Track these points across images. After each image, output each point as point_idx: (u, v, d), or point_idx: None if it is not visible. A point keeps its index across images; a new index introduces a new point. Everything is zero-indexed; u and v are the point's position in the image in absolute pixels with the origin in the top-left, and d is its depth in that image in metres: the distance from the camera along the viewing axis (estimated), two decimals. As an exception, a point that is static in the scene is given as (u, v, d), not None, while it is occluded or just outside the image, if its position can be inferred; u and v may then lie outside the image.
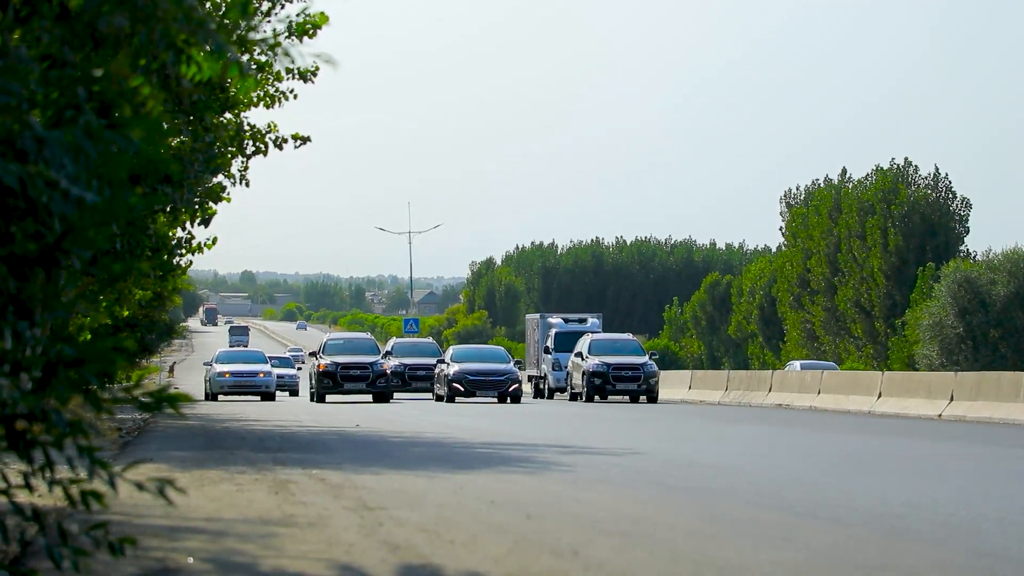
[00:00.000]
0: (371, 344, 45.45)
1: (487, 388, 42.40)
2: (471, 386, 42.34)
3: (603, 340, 45.82)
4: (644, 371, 43.27)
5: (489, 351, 46.04)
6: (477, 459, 15.83)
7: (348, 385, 42.43)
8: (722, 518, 9.71)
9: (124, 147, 4.35)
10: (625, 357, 43.87)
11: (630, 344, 45.95)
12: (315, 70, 19.95)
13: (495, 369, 42.78)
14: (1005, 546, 8.31)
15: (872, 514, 9.98)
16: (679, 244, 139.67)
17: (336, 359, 43.11)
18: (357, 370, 42.49)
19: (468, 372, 42.44)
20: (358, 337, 47.29)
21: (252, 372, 47.55)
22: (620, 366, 43.24)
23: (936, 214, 78.42)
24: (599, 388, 43.27)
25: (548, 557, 7.67)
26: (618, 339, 46.65)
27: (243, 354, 51.43)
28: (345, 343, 45.33)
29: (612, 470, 14.06)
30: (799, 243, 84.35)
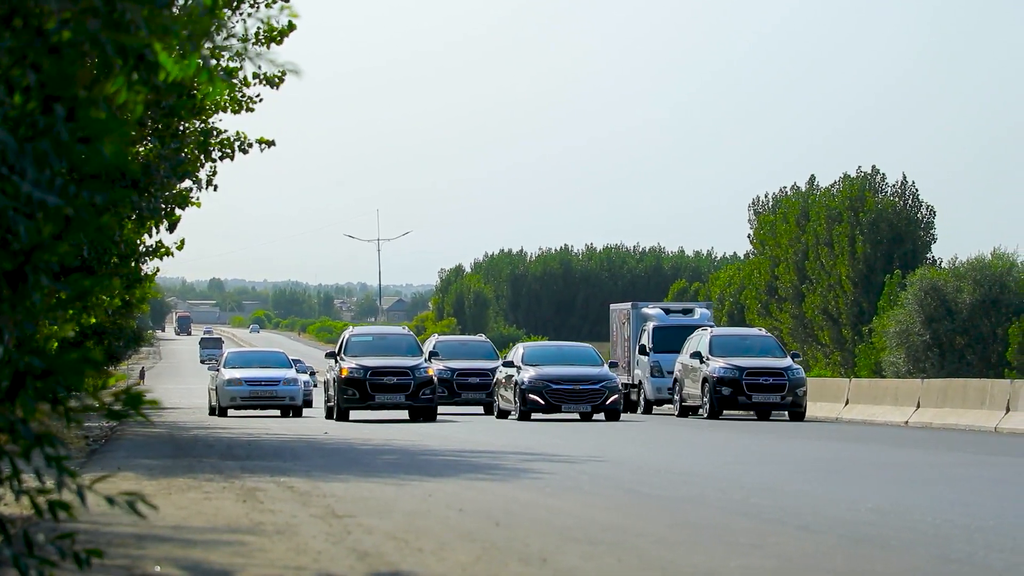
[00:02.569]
0: (410, 341, 33.74)
1: (576, 400, 31.58)
2: (555, 398, 31.55)
3: (729, 336, 35.56)
4: (789, 378, 32.74)
5: (573, 350, 34.91)
6: (446, 466, 15.81)
7: (381, 397, 31.23)
8: (691, 525, 9.72)
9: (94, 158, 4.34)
10: (761, 359, 33.52)
11: (765, 342, 35.16)
12: (282, 76, 19.95)
13: (586, 374, 31.95)
14: (972, 553, 8.35)
15: (840, 521, 10.01)
16: (648, 251, 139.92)
17: (364, 361, 31.66)
18: (394, 376, 31.31)
19: (549, 379, 31.71)
20: (392, 332, 35.54)
21: (273, 379, 37.27)
22: (757, 370, 32.86)
23: (903, 222, 78.80)
24: (728, 400, 32.80)
25: (517, 564, 7.66)
26: (748, 334, 36.30)
27: (260, 356, 41.51)
28: (375, 340, 33.61)
29: (581, 477, 14.06)
30: (767, 250, 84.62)
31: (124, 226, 17.91)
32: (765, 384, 32.73)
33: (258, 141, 20.37)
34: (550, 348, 35.67)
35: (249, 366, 38.55)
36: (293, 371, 38.63)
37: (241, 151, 20.20)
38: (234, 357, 39.90)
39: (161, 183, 17.69)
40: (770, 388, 32.74)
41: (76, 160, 4.31)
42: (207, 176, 20.47)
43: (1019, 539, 8.96)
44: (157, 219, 18.92)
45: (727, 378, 32.89)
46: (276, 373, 37.85)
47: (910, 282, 71.77)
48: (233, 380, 37.22)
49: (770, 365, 33.13)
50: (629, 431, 26.44)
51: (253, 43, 18.54)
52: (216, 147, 19.90)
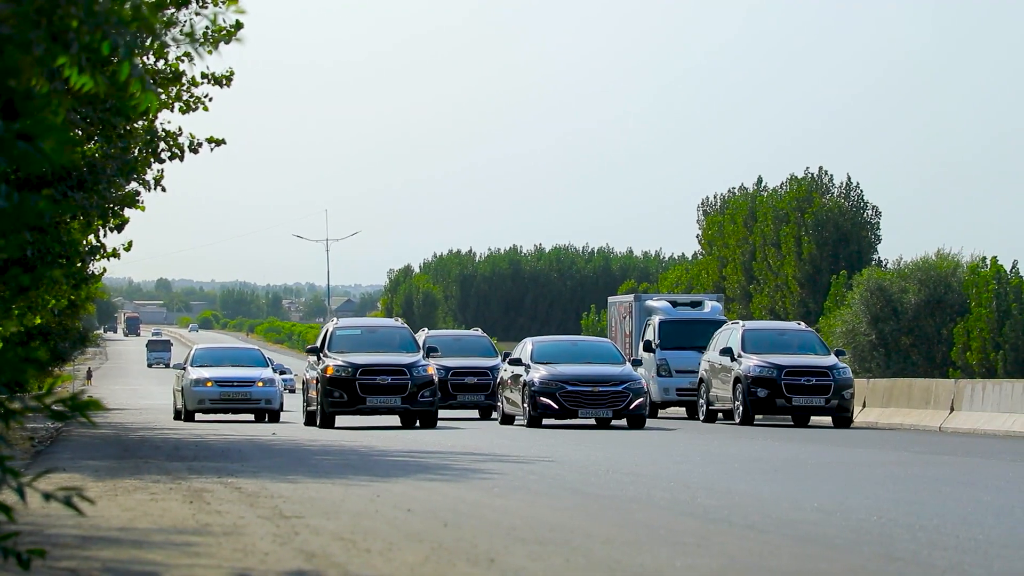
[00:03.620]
0: (404, 335, 29.41)
1: (595, 404, 27.49)
2: (570, 401, 27.49)
3: (764, 330, 31.47)
4: (835, 378, 28.96)
5: (591, 345, 30.79)
6: (395, 467, 15.80)
7: (374, 400, 27.35)
8: (638, 525, 9.76)
9: (34, 156, 4.31)
10: (802, 356, 29.75)
11: (805, 337, 31.00)
12: (230, 75, 19.89)
13: (607, 374, 27.82)
14: (916, 551, 8.41)
15: (785, 520, 10.06)
16: (597, 252, 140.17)
17: (352, 358, 27.75)
18: (388, 376, 27.39)
19: (564, 379, 27.68)
20: (384, 324, 30.95)
21: (247, 379, 33.34)
22: (797, 369, 29.04)
23: (849, 223, 79.28)
24: (764, 403, 29.03)
25: (465, 565, 7.66)
26: (786, 328, 31.96)
27: (232, 353, 36.96)
28: (364, 334, 29.46)
29: (529, 478, 14.08)
30: (715, 251, 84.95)
31: (69, 226, 17.80)
32: (807, 385, 28.78)
33: (208, 140, 20.31)
34: (564, 344, 30.63)
35: (220, 364, 34.22)
36: (270, 370, 34.51)
37: (191, 151, 20.14)
38: (203, 354, 35.34)
39: (108, 183, 17.60)
40: (812, 390, 28.80)
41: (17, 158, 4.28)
42: (155, 177, 20.39)
43: (963, 537, 9.05)
44: (104, 219, 18.83)
45: (763, 378, 29.00)
46: (251, 372, 33.82)
47: (856, 282, 72.22)
48: (201, 380, 33.08)
49: (812, 363, 29.15)
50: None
51: (201, 43, 18.48)
52: (165, 147, 19.82)
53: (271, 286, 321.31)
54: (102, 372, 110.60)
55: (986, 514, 10.65)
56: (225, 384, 32.98)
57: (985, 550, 8.46)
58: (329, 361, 27.89)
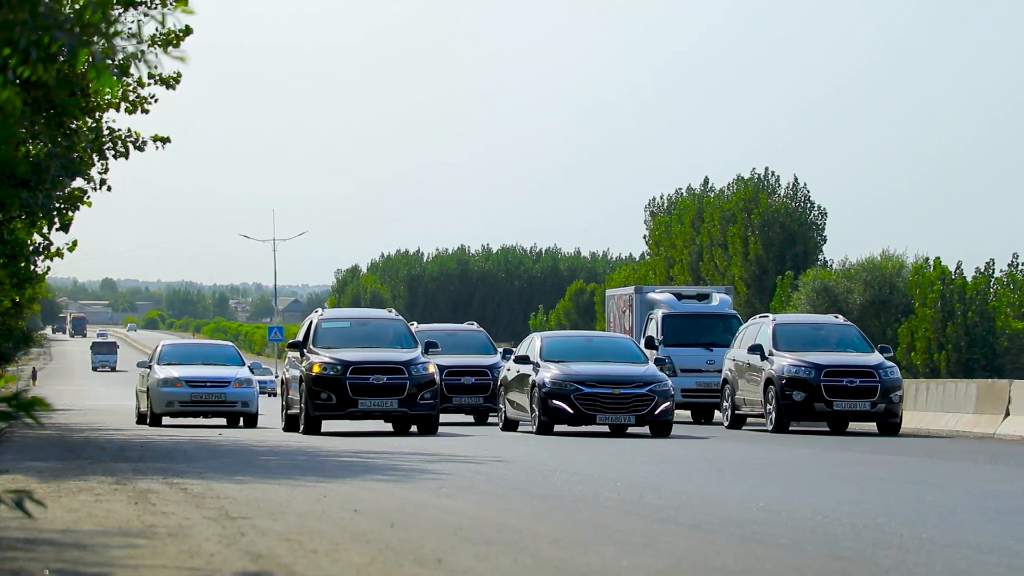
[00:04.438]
0: (399, 328, 26.04)
1: (616, 409, 24.01)
2: (587, 405, 24.04)
3: (799, 325, 28.00)
4: (881, 379, 25.54)
5: (608, 342, 27.02)
6: (341, 467, 15.77)
7: (367, 403, 24.11)
8: (585, 525, 9.78)
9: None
10: (843, 354, 26.31)
11: (845, 332, 27.52)
12: (177, 76, 19.80)
13: (629, 374, 24.39)
14: (860, 551, 8.48)
15: (731, 520, 10.12)
16: (545, 252, 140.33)
17: (342, 355, 24.49)
18: (383, 375, 24.17)
19: (580, 379, 24.23)
20: (376, 316, 27.07)
21: (221, 379, 29.97)
22: (839, 369, 25.62)
23: (795, 223, 79.73)
24: (801, 408, 25.51)
25: (412, 565, 7.66)
26: (823, 323, 28.25)
27: (203, 349, 33.28)
28: (354, 326, 26.14)
29: (477, 478, 14.08)
30: (662, 251, 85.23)
31: (13, 225, 17.67)
32: (850, 387, 25.38)
33: (153, 139, 20.22)
34: (577, 340, 27.41)
35: (190, 362, 30.85)
36: (246, 369, 30.95)
37: (137, 149, 20.04)
38: (171, 351, 31.77)
39: (53, 182, 17.48)
40: (856, 392, 25.39)
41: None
42: (100, 175, 20.27)
43: (906, 536, 9.12)
44: (48, 218, 18.69)
45: (799, 379, 25.54)
46: (225, 371, 30.37)
47: (802, 283, 72.68)
48: (170, 380, 29.77)
49: (856, 362, 25.77)
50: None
51: (149, 45, 18.39)
52: (110, 145, 19.71)
53: (217, 286, 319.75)
54: (47, 372, 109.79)
55: (929, 513, 10.74)
56: (197, 384, 29.63)
57: (928, 549, 8.54)
58: (314, 358, 24.46)
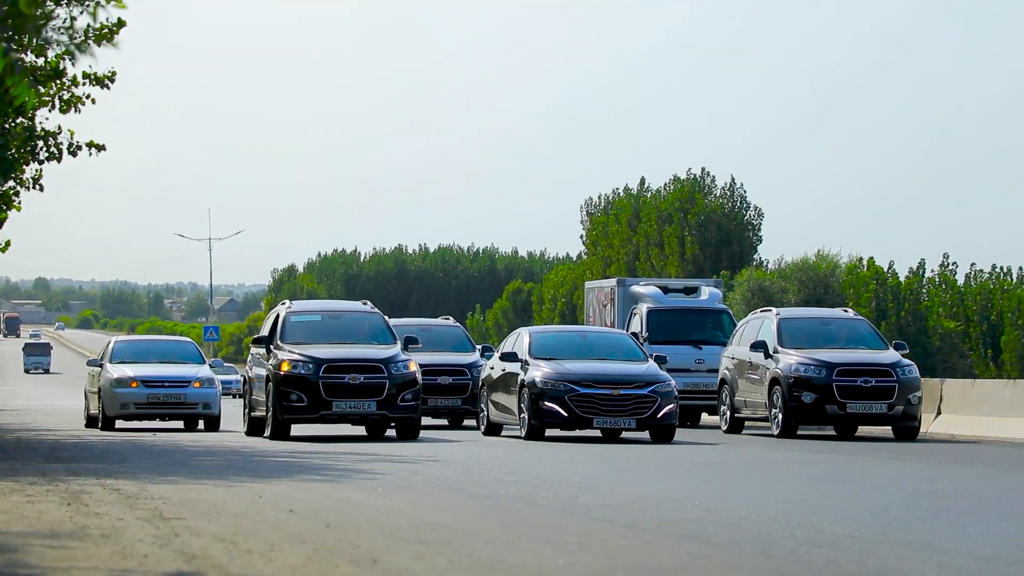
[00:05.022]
0: (375, 322, 23.80)
1: (615, 411, 21.83)
2: (583, 407, 21.85)
3: (806, 319, 25.69)
4: (899, 378, 23.43)
5: (603, 338, 24.71)
6: (277, 468, 15.71)
7: (342, 405, 22.03)
8: (522, 524, 9.80)
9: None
10: (855, 351, 24.24)
11: (856, 327, 25.27)
12: (112, 75, 19.66)
13: (628, 373, 22.24)
14: (794, 548, 8.54)
15: (667, 519, 10.16)
16: (482, 252, 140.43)
17: (313, 351, 22.38)
18: (360, 374, 22.07)
19: (574, 378, 22.04)
20: (350, 309, 24.81)
21: (180, 378, 27.62)
22: (852, 368, 23.52)
23: (731, 223, 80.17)
24: (810, 410, 23.41)
25: (347, 565, 7.65)
26: (832, 316, 26.11)
27: (160, 346, 30.79)
28: (326, 320, 23.95)
29: (413, 478, 14.07)
30: (599, 251, 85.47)
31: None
32: (865, 388, 23.25)
33: (88, 144, 20.05)
34: (569, 335, 24.75)
35: (146, 360, 28.50)
36: (207, 368, 28.64)
37: (70, 154, 19.88)
38: (124, 348, 29.32)
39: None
40: (872, 393, 23.27)
41: None
42: (33, 176, 20.10)
43: (839, 535, 9.20)
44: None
45: (809, 379, 23.40)
46: (185, 370, 28.01)
47: (737, 283, 73.07)
48: (124, 380, 27.42)
49: (870, 360, 23.67)
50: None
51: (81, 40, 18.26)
52: (43, 146, 19.54)
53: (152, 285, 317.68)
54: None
55: (862, 511, 10.83)
56: (154, 384, 27.32)
57: (860, 547, 8.61)
58: (283, 355, 22.28)
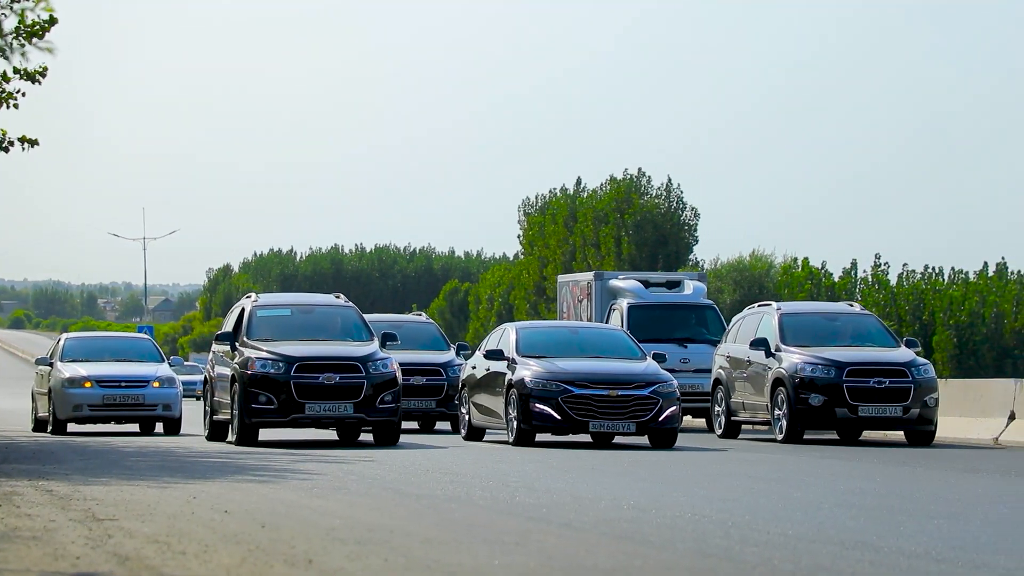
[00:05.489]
0: (350, 317, 22.10)
1: (613, 414, 20.14)
2: (578, 409, 20.15)
3: (810, 315, 23.88)
4: (914, 378, 21.70)
5: (597, 334, 23.00)
6: (212, 468, 15.62)
7: (316, 407, 20.24)
8: (458, 524, 9.80)
9: None
10: (865, 349, 22.45)
11: (864, 323, 23.51)
12: (43, 70, 19.48)
13: (627, 372, 20.57)
14: (728, 547, 8.58)
15: (603, 519, 10.19)
16: (418, 252, 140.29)
17: (284, 348, 20.66)
18: (335, 373, 20.31)
19: (568, 378, 20.35)
20: (322, 302, 22.81)
21: (138, 378, 25.72)
22: (864, 367, 21.76)
23: (668, 224, 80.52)
24: (818, 413, 21.61)
25: (282, 566, 7.62)
26: (837, 312, 24.24)
27: (115, 344, 28.55)
28: (296, 314, 22.10)
29: (349, 478, 14.04)
30: (536, 251, 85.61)
31: None
32: (878, 389, 21.52)
33: (20, 140, 19.87)
34: (560, 331, 22.92)
35: (100, 358, 26.51)
36: (166, 366, 26.60)
37: (2, 150, 19.69)
38: (76, 345, 27.17)
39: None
40: (886, 395, 21.55)
41: None
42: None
43: (773, 533, 9.25)
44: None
45: (817, 380, 21.61)
46: (143, 369, 26.10)
47: (674, 283, 73.36)
48: (77, 380, 25.50)
49: (883, 359, 21.95)
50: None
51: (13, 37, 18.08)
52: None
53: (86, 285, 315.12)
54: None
55: (795, 510, 10.91)
56: (110, 384, 25.45)
57: (794, 545, 8.67)
58: (251, 353, 20.58)
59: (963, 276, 64.55)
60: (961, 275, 64.79)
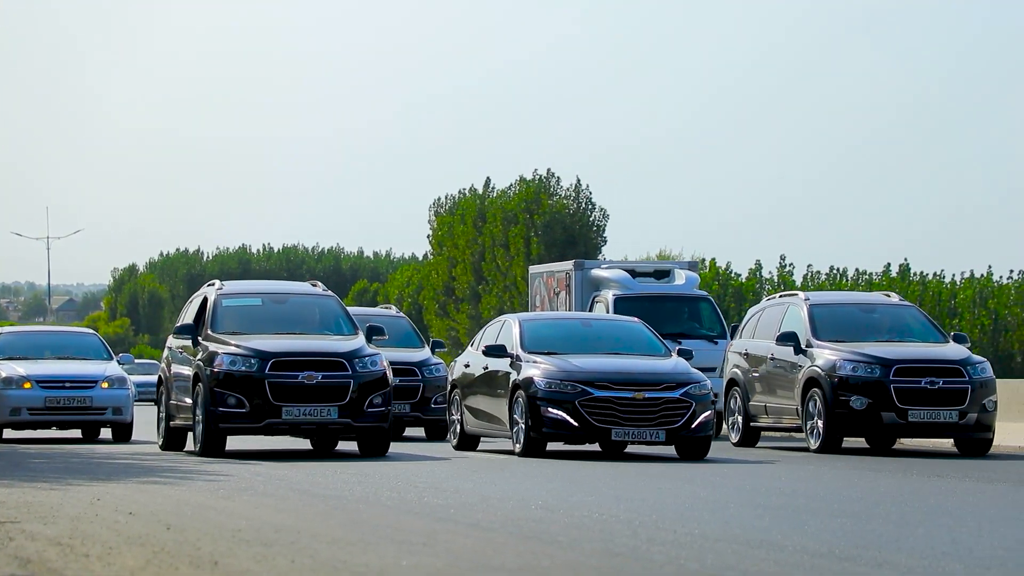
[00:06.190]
0: (330, 308, 19.52)
1: (639, 420, 17.54)
2: (599, 415, 17.58)
3: (842, 305, 21.26)
4: (972, 379, 19.16)
5: (612, 326, 20.43)
6: (117, 470, 15.47)
7: (295, 411, 17.64)
8: (365, 524, 9.77)
9: None
10: (910, 345, 20.01)
11: (903, 314, 20.95)
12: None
13: (653, 371, 18.01)
14: (635, 547, 8.63)
15: (510, 518, 10.21)
16: (327, 252, 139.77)
17: (256, 343, 18.10)
18: (316, 371, 17.78)
19: (586, 378, 17.77)
20: (295, 291, 20.31)
21: (84, 378, 23.05)
22: (915, 365, 19.20)
23: (577, 224, 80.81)
24: (861, 418, 19.05)
25: (187, 568, 7.56)
26: (874, 302, 21.52)
27: (57, 339, 25.82)
28: (269, 303, 19.50)
29: (255, 479, 13.96)
30: (445, 251, 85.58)
31: None
32: (931, 391, 18.99)
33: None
34: (570, 323, 20.48)
35: (39, 356, 23.99)
36: (115, 364, 23.91)
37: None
38: (12, 341, 24.50)
39: None
40: (940, 398, 19.00)
41: None
42: None
43: (679, 532, 9.31)
44: None
45: (860, 380, 19.10)
46: (89, 368, 23.44)
47: (583, 284, 73.60)
48: (15, 380, 22.93)
49: (934, 356, 19.45)
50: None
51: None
52: None
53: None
54: None
55: (703, 509, 10.99)
56: (53, 385, 22.92)
57: (700, 544, 8.73)
58: (217, 348, 18.02)
59: (867, 277, 65.40)
60: (865, 276, 65.63)
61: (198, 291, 19.98)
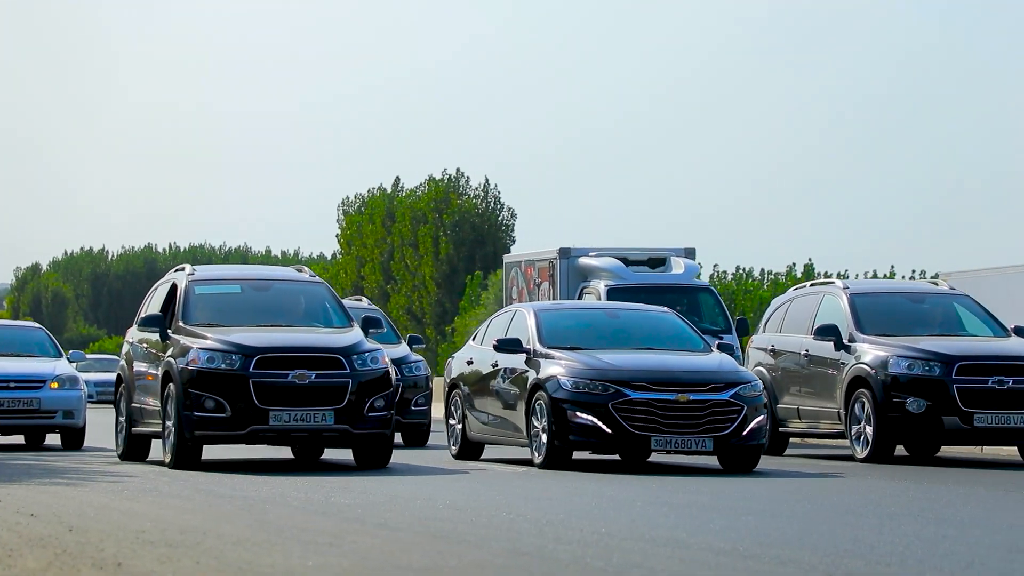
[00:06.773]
0: (320, 296, 17.07)
1: (682, 427, 15.15)
2: (636, 421, 15.16)
3: (887, 293, 19.20)
4: None
5: (643, 317, 17.62)
6: (19, 471, 15.27)
7: (283, 415, 15.24)
8: (271, 525, 9.73)
9: None
10: (972, 339, 17.94)
11: (953, 304, 18.78)
12: None
13: (695, 369, 15.72)
14: (542, 545, 8.65)
15: (418, 518, 10.21)
16: (234, 251, 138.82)
17: (236, 336, 15.70)
18: (309, 369, 15.37)
19: (619, 376, 15.34)
20: (279, 277, 17.84)
21: (31, 377, 20.54)
22: (980, 363, 17.09)
23: (485, 224, 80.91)
24: (919, 422, 16.87)
25: (90, 570, 7.49)
26: (923, 291, 19.39)
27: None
28: (248, 291, 17.11)
29: (160, 480, 13.84)
30: (354, 251, 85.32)
31: None
32: (999, 392, 16.82)
33: None
34: (594, 312, 18.43)
35: None
36: (65, 362, 21.34)
37: None
38: None
39: None
40: (1009, 400, 16.84)
41: None
42: None
43: (586, 531, 9.35)
44: None
45: (917, 379, 16.92)
46: (36, 366, 20.88)
47: (491, 283, 73.71)
48: None
49: (1000, 351, 17.39)
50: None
51: None
52: None
53: None
54: None
55: (609, 508, 11.04)
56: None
57: (607, 543, 8.77)
58: (191, 342, 15.62)
59: (772, 277, 66.00)
60: (771, 275, 66.22)
61: (163, 277, 17.54)
